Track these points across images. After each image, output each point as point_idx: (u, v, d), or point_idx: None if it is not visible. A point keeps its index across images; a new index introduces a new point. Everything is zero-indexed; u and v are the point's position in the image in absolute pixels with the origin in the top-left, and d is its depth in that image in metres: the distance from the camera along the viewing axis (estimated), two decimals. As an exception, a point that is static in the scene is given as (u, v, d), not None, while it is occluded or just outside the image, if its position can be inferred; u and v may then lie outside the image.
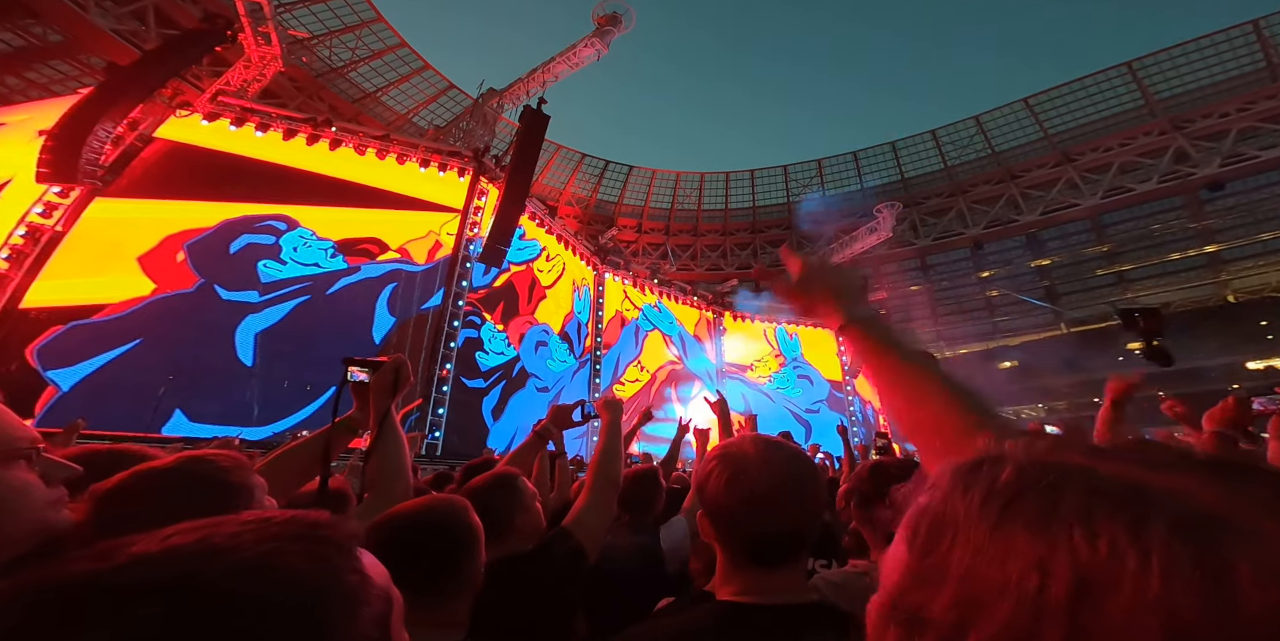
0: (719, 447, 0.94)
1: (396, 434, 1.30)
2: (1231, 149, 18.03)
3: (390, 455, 1.27)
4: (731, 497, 0.86)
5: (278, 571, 0.33)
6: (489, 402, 11.88)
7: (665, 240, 26.92)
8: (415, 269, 11.37)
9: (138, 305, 8.85)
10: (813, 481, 0.88)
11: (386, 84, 21.09)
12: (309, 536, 0.36)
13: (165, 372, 8.47)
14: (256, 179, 10.67)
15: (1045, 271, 23.24)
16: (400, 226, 11.55)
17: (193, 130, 10.67)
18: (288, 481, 1.25)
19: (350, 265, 10.80)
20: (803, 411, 18.69)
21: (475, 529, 1.08)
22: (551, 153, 24.42)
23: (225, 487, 0.83)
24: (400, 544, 0.97)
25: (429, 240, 11.72)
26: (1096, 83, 20.38)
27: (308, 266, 10.40)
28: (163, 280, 9.19)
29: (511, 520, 1.41)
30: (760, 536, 0.85)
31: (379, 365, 1.31)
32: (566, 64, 16.84)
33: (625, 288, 17.05)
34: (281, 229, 10.44)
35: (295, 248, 10.42)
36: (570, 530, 1.41)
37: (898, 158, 24.91)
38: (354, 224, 11.13)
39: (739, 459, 0.88)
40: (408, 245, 11.45)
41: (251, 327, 9.50)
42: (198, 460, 0.85)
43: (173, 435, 8.04)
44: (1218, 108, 18.54)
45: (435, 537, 1.01)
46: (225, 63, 14.48)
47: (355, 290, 10.69)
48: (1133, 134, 19.94)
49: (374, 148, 11.88)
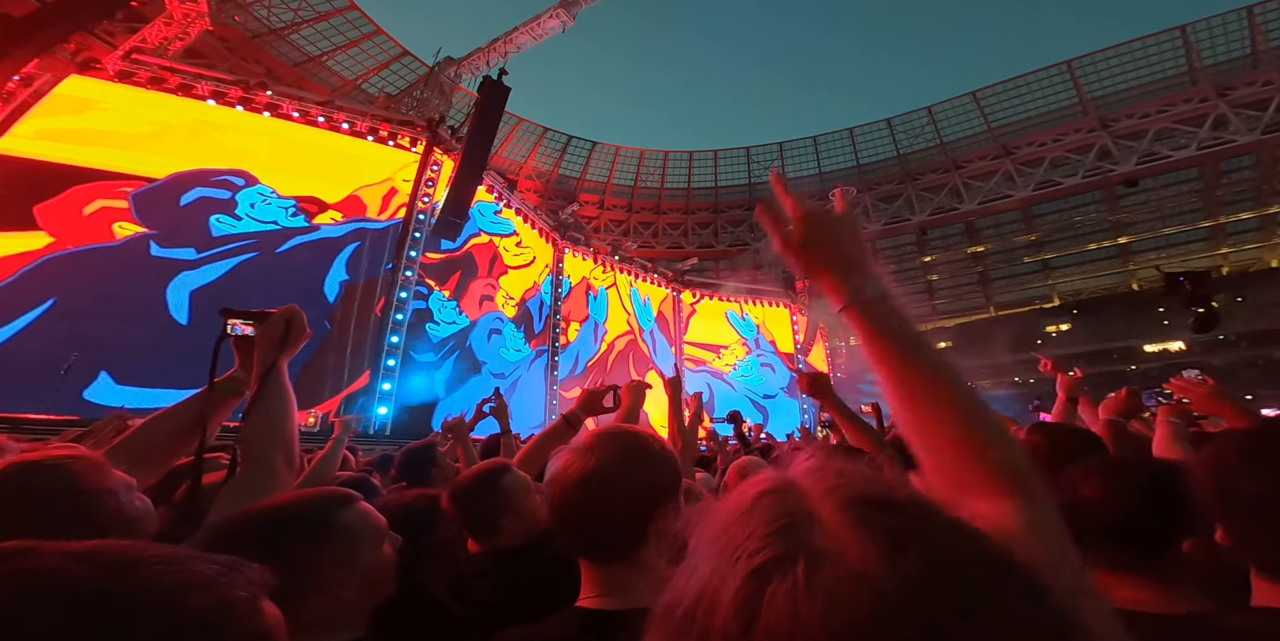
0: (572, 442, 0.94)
1: (282, 392, 1.11)
2: (1148, 148, 19.57)
3: (272, 415, 1.09)
4: (551, 490, 0.86)
5: None
6: (440, 376, 11.82)
7: (628, 217, 27.05)
8: (379, 226, 11.17)
9: (35, 262, 8.33)
10: (640, 469, 0.84)
11: (333, 48, 19.90)
12: None
13: (80, 337, 8.03)
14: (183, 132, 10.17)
15: (980, 258, 24.87)
16: (354, 171, 11.25)
17: (98, 89, 9.99)
18: (157, 455, 1.13)
19: (309, 224, 10.55)
20: (760, 398, 19.57)
21: (347, 529, 0.89)
22: (512, 126, 23.88)
23: (68, 498, 0.75)
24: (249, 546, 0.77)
25: (384, 186, 11.46)
26: (1039, 79, 21.51)
27: (265, 223, 10.10)
28: (64, 234, 8.69)
29: (495, 523, 1.33)
30: (578, 532, 0.84)
31: (265, 316, 1.17)
32: (530, 35, 16.45)
33: (586, 267, 17.25)
34: (239, 184, 10.12)
35: (253, 204, 10.13)
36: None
37: (854, 144, 25.71)
38: (302, 169, 10.80)
39: (573, 449, 0.89)
40: (360, 192, 11.15)
41: (186, 284, 9.20)
42: (31, 469, 0.76)
43: (95, 401, 7.85)
44: (1140, 108, 20.00)
45: (289, 542, 0.82)
46: (144, 19, 13.41)
47: (311, 249, 10.44)
48: (1065, 130, 21.28)
49: (318, 114, 11.43)
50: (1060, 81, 21.25)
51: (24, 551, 0.36)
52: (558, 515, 0.85)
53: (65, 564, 0.36)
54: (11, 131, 9.02)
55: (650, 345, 18.24)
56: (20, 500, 0.73)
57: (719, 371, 19.48)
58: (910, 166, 24.89)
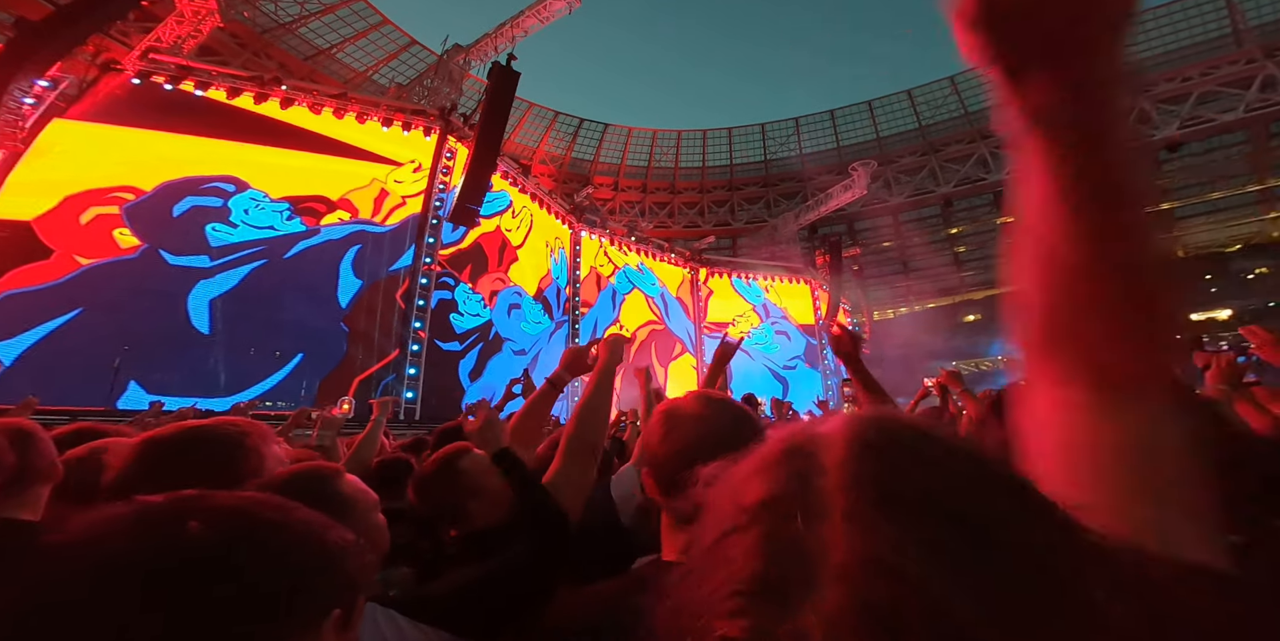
0: (663, 404, 0.96)
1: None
2: (1190, 112, 18.51)
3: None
4: (666, 451, 0.86)
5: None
6: (466, 365, 11.99)
7: (642, 198, 26.83)
8: (380, 230, 11.21)
9: (70, 274, 8.42)
10: (748, 435, 0.85)
11: (341, 40, 19.92)
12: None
13: (115, 343, 8.08)
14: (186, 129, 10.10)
15: (1007, 228, 24.03)
16: (341, 177, 11.18)
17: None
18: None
19: (309, 227, 10.55)
20: (780, 368, 19.26)
21: (345, 497, 1.03)
22: (523, 111, 23.72)
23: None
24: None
25: (373, 188, 11.38)
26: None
27: (261, 229, 10.08)
28: (64, 245, 8.65)
29: (462, 507, 1.29)
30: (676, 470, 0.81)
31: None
32: (536, 18, 16.16)
33: (605, 246, 17.18)
34: (229, 191, 10.03)
35: (246, 210, 10.06)
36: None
37: (874, 117, 24.89)
38: (295, 174, 10.75)
39: (675, 413, 0.90)
40: (350, 195, 11.10)
41: (205, 293, 9.23)
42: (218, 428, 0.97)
43: (130, 409, 7.71)
44: (1182, 72, 18.87)
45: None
46: (155, 18, 13.52)
47: (315, 253, 10.46)
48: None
49: (330, 107, 11.39)
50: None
51: (204, 495, 0.48)
52: (670, 452, 0.86)
53: (243, 503, 0.48)
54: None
55: (671, 330, 18.17)
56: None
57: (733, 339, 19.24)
58: (933, 137, 24.05)
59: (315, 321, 10.12)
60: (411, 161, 12.04)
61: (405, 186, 11.88)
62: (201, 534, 0.42)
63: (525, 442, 1.74)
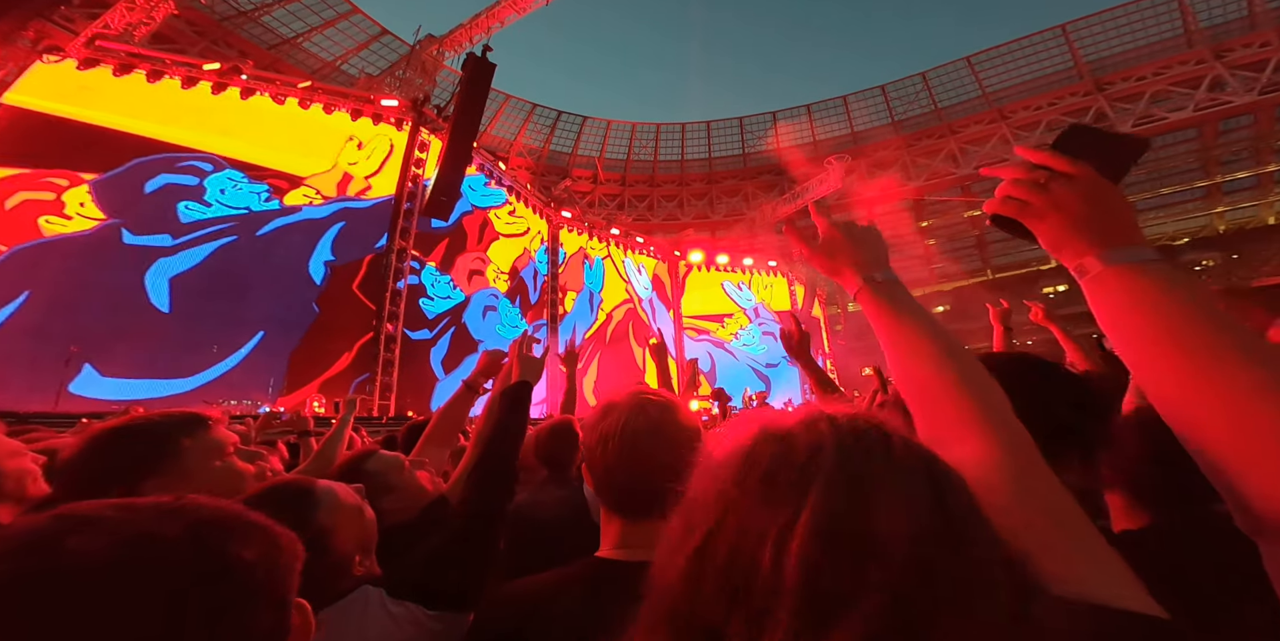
0: (596, 409, 0.95)
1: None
2: (1144, 110, 19.32)
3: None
4: (595, 445, 0.88)
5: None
6: (438, 353, 11.64)
7: (622, 191, 26.78)
8: (364, 205, 10.90)
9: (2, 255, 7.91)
10: (676, 431, 0.87)
11: (308, 29, 19.14)
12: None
13: (66, 325, 7.75)
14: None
15: (975, 221, 24.84)
16: (304, 159, 10.93)
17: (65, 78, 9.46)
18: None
19: (284, 206, 10.27)
20: (763, 367, 19.69)
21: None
22: (500, 103, 23.38)
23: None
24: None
25: (335, 173, 11.11)
26: (1033, 43, 21.10)
27: (236, 209, 9.78)
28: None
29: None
30: (622, 485, 0.85)
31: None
32: (513, 8, 15.97)
33: (582, 240, 17.13)
34: (207, 170, 9.70)
35: (223, 190, 9.75)
36: (448, 498, 1.40)
37: (849, 111, 25.27)
38: (260, 151, 10.46)
39: (609, 407, 0.91)
40: (311, 180, 10.84)
41: (164, 271, 8.89)
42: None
43: (81, 394, 7.59)
44: (1136, 71, 19.67)
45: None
46: (105, 4, 12.85)
47: (293, 231, 10.16)
48: (1061, 94, 20.99)
49: (295, 97, 10.85)
50: (1055, 45, 20.83)
51: (90, 508, 0.47)
52: (602, 468, 0.87)
53: (128, 514, 0.47)
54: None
55: (649, 314, 18.26)
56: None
57: (721, 340, 19.56)
58: (904, 133, 24.58)
59: (283, 300, 9.86)
60: (350, 138, 11.59)
61: (360, 167, 11.46)
62: (79, 550, 0.41)
63: (440, 443, 1.81)
